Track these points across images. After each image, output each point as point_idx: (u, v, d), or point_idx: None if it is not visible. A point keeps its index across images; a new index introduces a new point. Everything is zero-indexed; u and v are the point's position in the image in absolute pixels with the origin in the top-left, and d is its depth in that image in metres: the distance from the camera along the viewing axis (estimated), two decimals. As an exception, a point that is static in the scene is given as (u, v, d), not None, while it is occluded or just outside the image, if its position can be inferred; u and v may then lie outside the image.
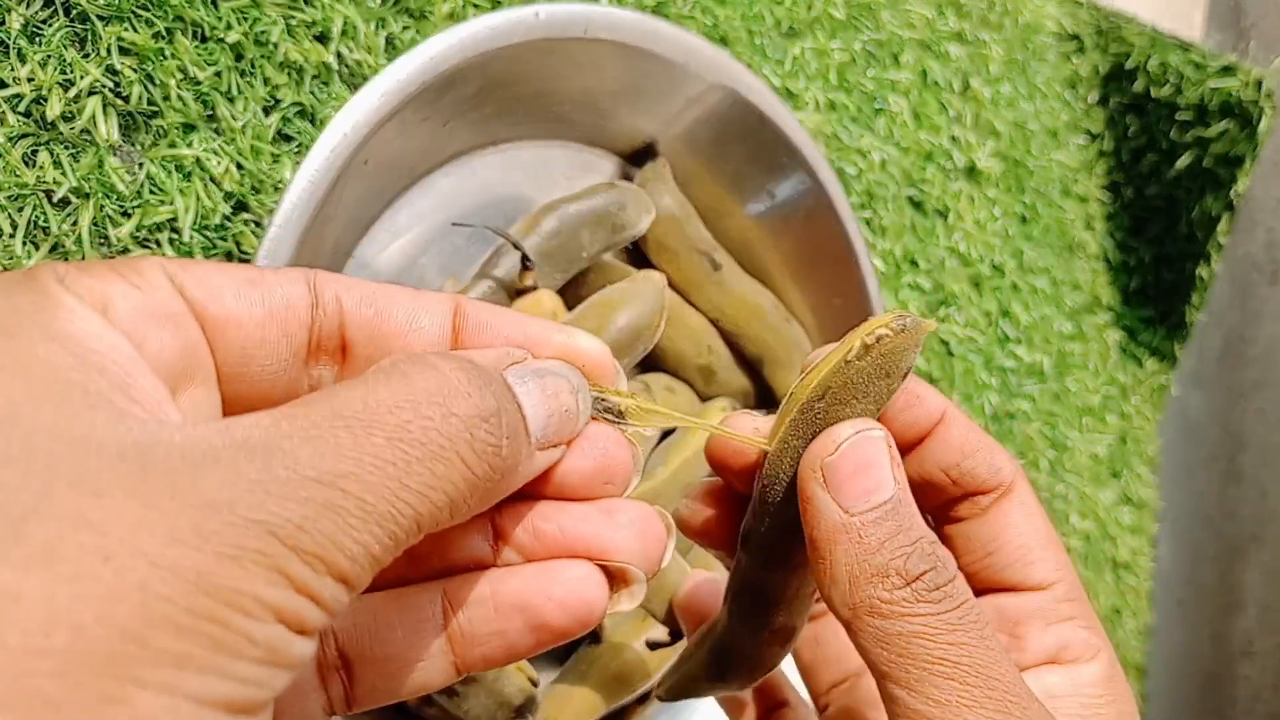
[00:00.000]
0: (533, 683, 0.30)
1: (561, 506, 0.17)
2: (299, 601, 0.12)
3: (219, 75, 0.31)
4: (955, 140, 0.56)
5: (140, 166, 0.30)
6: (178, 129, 0.30)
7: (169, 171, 0.30)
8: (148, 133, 0.30)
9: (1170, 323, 0.71)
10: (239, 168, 0.32)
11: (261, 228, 0.32)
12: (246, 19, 0.32)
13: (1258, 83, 0.62)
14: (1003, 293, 0.59)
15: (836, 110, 0.50)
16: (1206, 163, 0.65)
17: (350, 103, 0.28)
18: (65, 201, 0.28)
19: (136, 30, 0.30)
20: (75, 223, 0.28)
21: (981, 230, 0.58)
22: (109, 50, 0.29)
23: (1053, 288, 0.63)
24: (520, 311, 0.32)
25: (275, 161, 0.32)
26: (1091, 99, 0.68)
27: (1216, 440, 0.80)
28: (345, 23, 0.34)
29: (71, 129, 0.29)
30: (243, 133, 0.32)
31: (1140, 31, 0.66)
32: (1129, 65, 0.66)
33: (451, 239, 0.35)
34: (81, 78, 0.29)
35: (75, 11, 0.29)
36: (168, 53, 0.30)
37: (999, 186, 0.59)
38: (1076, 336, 0.65)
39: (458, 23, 0.30)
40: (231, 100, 0.32)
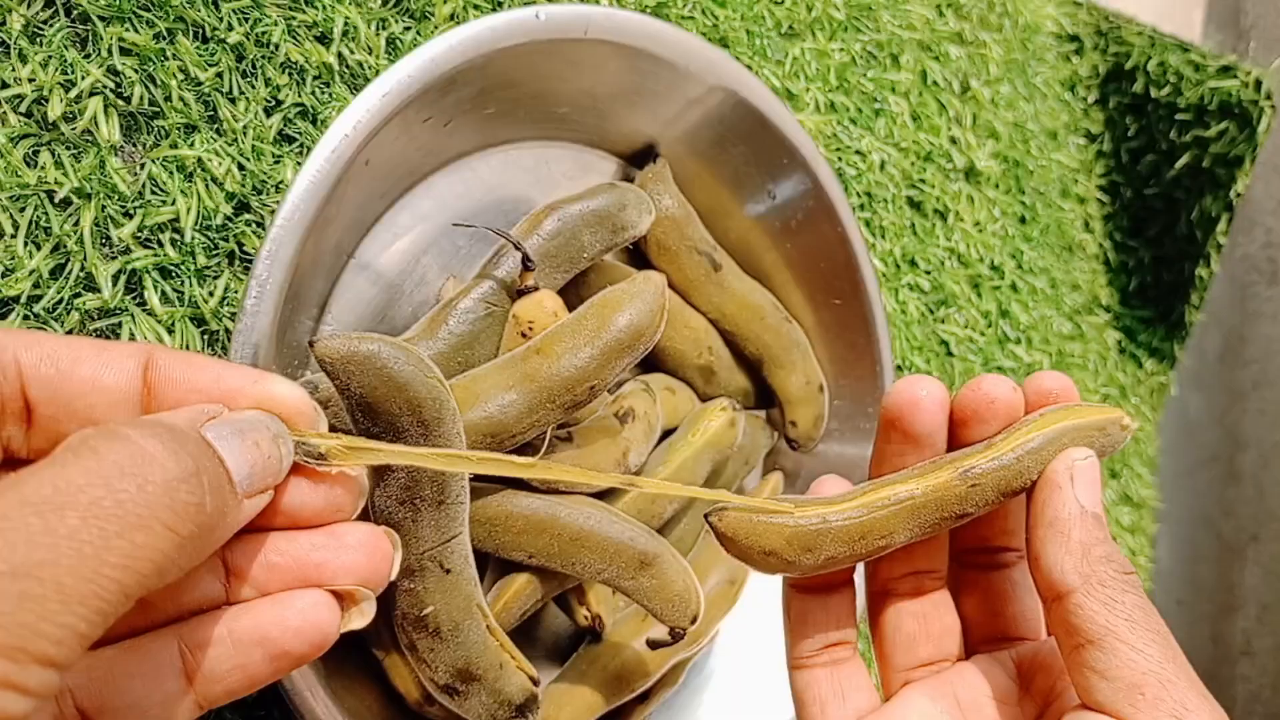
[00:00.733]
0: (533, 680, 0.30)
1: (293, 537, 0.17)
2: (3, 696, 0.12)
3: (220, 76, 0.31)
4: (955, 141, 0.56)
5: (142, 167, 0.30)
6: (179, 129, 0.31)
7: (171, 172, 0.30)
8: (149, 133, 0.30)
9: (1169, 323, 0.71)
10: (240, 168, 0.32)
11: (263, 228, 0.32)
12: (248, 20, 0.32)
13: (1257, 83, 0.63)
14: (1002, 293, 0.59)
15: (836, 111, 0.50)
16: (1206, 163, 0.65)
17: (352, 103, 0.28)
18: (67, 202, 0.28)
19: (138, 31, 0.30)
20: (77, 223, 0.29)
21: (981, 231, 0.58)
22: (110, 51, 0.29)
23: (1052, 288, 0.63)
24: (519, 313, 0.32)
25: (277, 162, 0.32)
26: (1091, 99, 0.68)
27: (1215, 440, 0.80)
28: (346, 24, 0.34)
29: (73, 129, 0.29)
30: (244, 133, 0.32)
31: (1140, 32, 0.66)
32: (1128, 66, 0.66)
33: (453, 239, 0.35)
34: (83, 78, 0.29)
35: (76, 12, 0.29)
36: (169, 53, 0.30)
37: (998, 187, 0.59)
38: (1076, 337, 0.65)
39: (459, 24, 0.30)
40: (233, 101, 0.32)
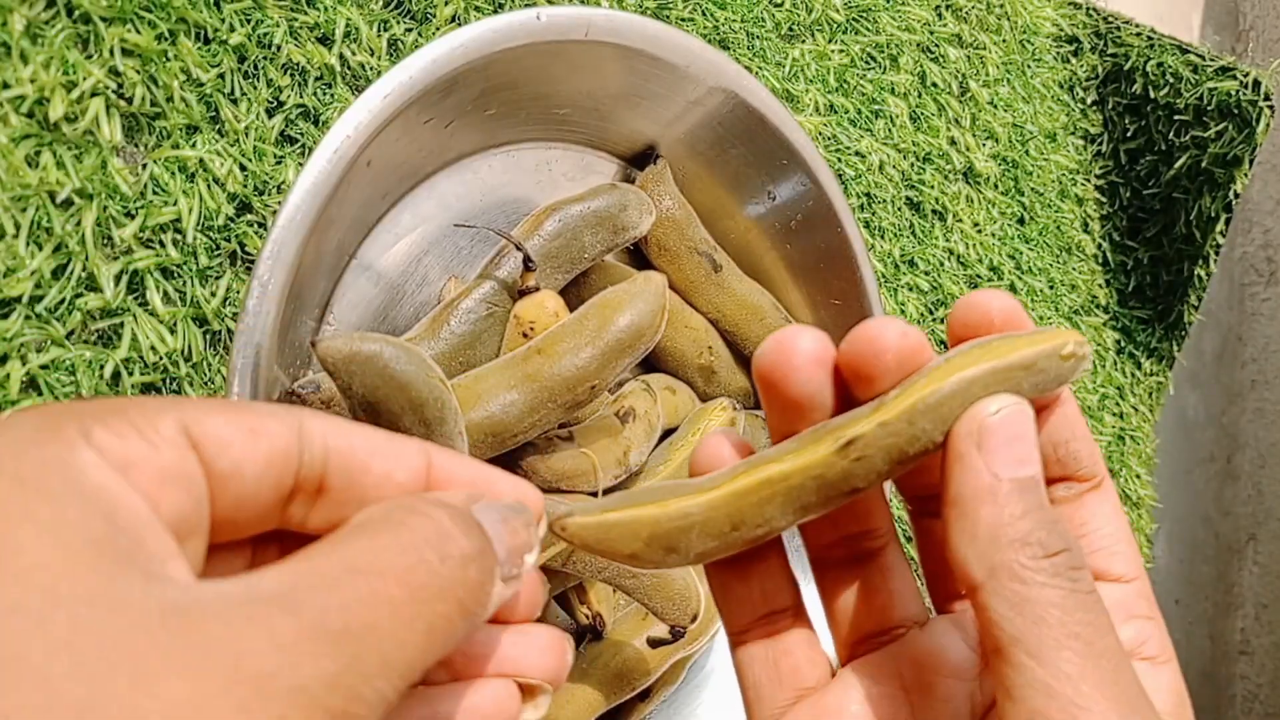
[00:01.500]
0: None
1: (493, 630, 0.18)
2: None
3: (222, 77, 0.31)
4: (954, 142, 0.56)
5: (143, 168, 0.30)
6: (181, 130, 0.31)
7: (172, 173, 0.30)
8: (151, 134, 0.30)
9: (1167, 323, 0.71)
10: (242, 169, 0.32)
11: (265, 229, 0.32)
12: (249, 21, 0.32)
13: (1255, 84, 0.63)
14: (1001, 293, 0.59)
15: (836, 112, 0.50)
16: (1204, 164, 0.66)
17: (353, 104, 0.28)
18: (69, 202, 0.29)
19: (139, 32, 0.30)
20: (79, 223, 0.29)
21: (980, 231, 0.58)
22: (112, 51, 0.29)
23: (1050, 288, 0.63)
24: (520, 313, 0.32)
25: (278, 163, 0.32)
26: (1089, 101, 0.68)
27: (1213, 440, 0.80)
28: (348, 25, 0.34)
29: (74, 130, 0.29)
30: (246, 134, 0.32)
31: (1138, 33, 0.66)
32: (1127, 67, 0.66)
33: (454, 240, 0.35)
34: (84, 79, 0.29)
35: (78, 13, 0.29)
36: (171, 54, 0.30)
37: (997, 188, 0.60)
38: (1074, 337, 0.65)
39: (460, 25, 0.30)
40: (235, 102, 0.32)
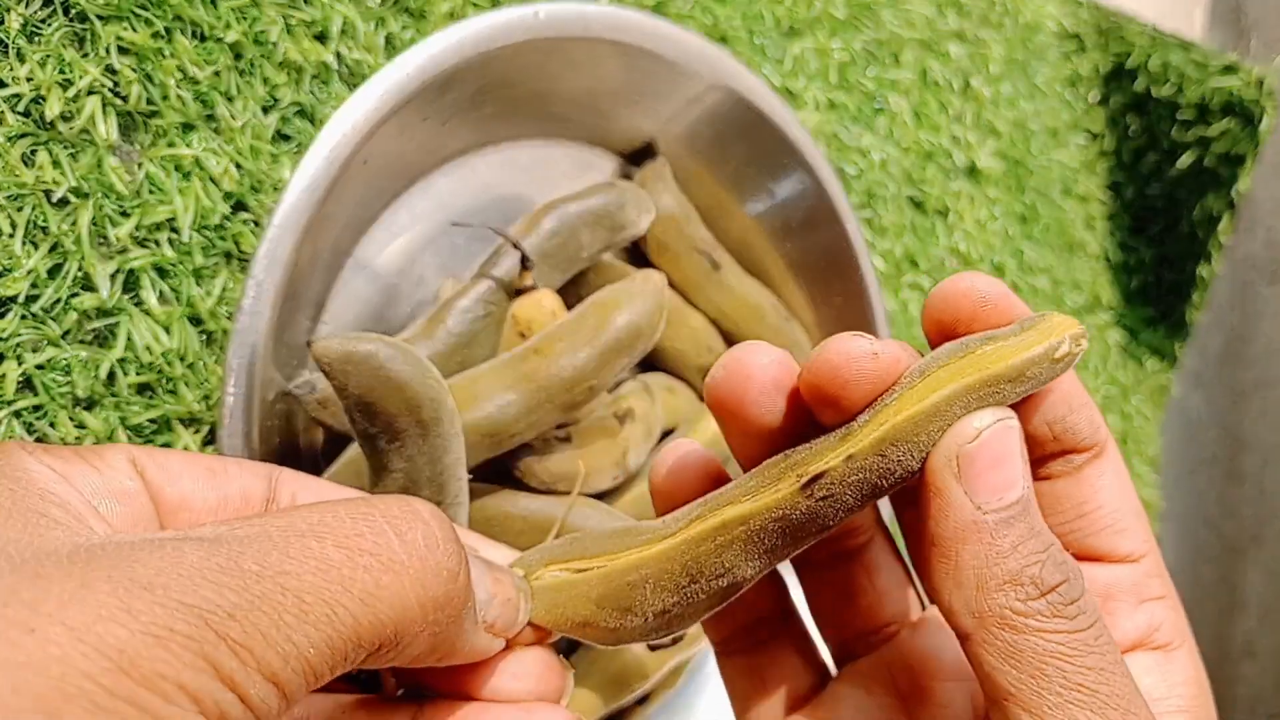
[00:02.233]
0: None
1: (487, 708, 0.17)
2: (222, 693, 0.12)
3: (218, 75, 0.31)
4: (956, 140, 0.56)
5: (139, 166, 0.30)
6: (177, 129, 0.30)
7: (168, 171, 0.30)
8: (147, 132, 0.30)
9: (1171, 322, 0.71)
10: (238, 167, 0.31)
11: (260, 227, 0.32)
12: (245, 18, 0.32)
13: (1259, 81, 0.62)
14: (1003, 292, 0.59)
15: (837, 110, 0.50)
16: (1208, 162, 0.65)
17: (349, 102, 0.28)
18: (64, 201, 0.28)
19: (135, 30, 0.30)
20: (74, 222, 0.28)
21: (982, 230, 0.58)
22: (108, 50, 0.29)
23: (1053, 287, 0.63)
24: (517, 312, 0.32)
25: (274, 161, 0.32)
26: (1092, 98, 0.67)
27: (1217, 440, 0.80)
28: (344, 22, 0.34)
29: (70, 129, 0.28)
30: (242, 132, 0.32)
31: (1141, 31, 0.65)
32: (1130, 64, 0.66)
33: (451, 239, 0.34)
34: (80, 77, 0.28)
35: (74, 11, 0.29)
36: (167, 52, 0.30)
37: (999, 186, 0.59)
38: (1077, 336, 0.65)
39: (457, 22, 0.30)
40: (230, 100, 0.32)
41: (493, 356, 0.32)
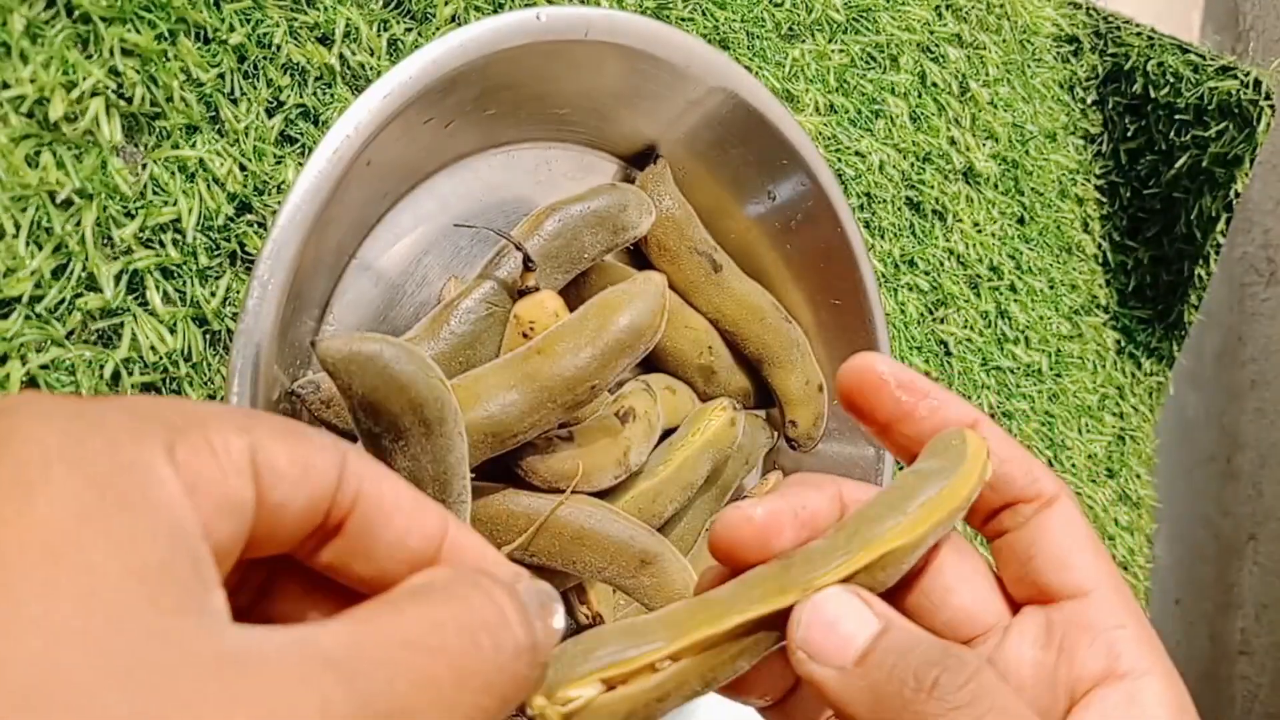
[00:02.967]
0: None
1: None
2: None
3: (222, 77, 0.31)
4: (954, 142, 0.56)
5: (143, 167, 0.30)
6: (181, 130, 0.31)
7: (172, 173, 0.30)
8: (151, 134, 0.30)
9: (1167, 323, 0.71)
10: (242, 169, 0.32)
11: (265, 229, 0.32)
12: (249, 21, 0.32)
13: (1256, 83, 0.63)
14: (1001, 293, 0.59)
15: (836, 112, 0.50)
16: (1204, 163, 0.66)
17: (353, 104, 0.28)
18: (68, 202, 0.29)
19: (139, 32, 0.30)
20: (79, 223, 0.29)
21: (980, 231, 0.58)
22: (112, 51, 0.29)
23: (1050, 288, 0.63)
24: (520, 313, 0.32)
25: (278, 163, 0.32)
26: (1089, 100, 0.68)
27: (1213, 440, 0.80)
28: (348, 25, 0.34)
29: (74, 130, 0.29)
30: (246, 134, 0.32)
31: (1138, 33, 0.66)
32: (1127, 67, 0.66)
33: (454, 240, 0.35)
34: (84, 79, 0.29)
35: (78, 13, 0.29)
36: (170, 54, 0.30)
37: (997, 188, 0.60)
38: (1074, 337, 0.65)
39: (460, 25, 0.30)
40: (234, 102, 0.32)
41: (495, 357, 0.33)
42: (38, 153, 0.28)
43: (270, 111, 0.33)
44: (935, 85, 0.56)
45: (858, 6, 0.52)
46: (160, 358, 0.30)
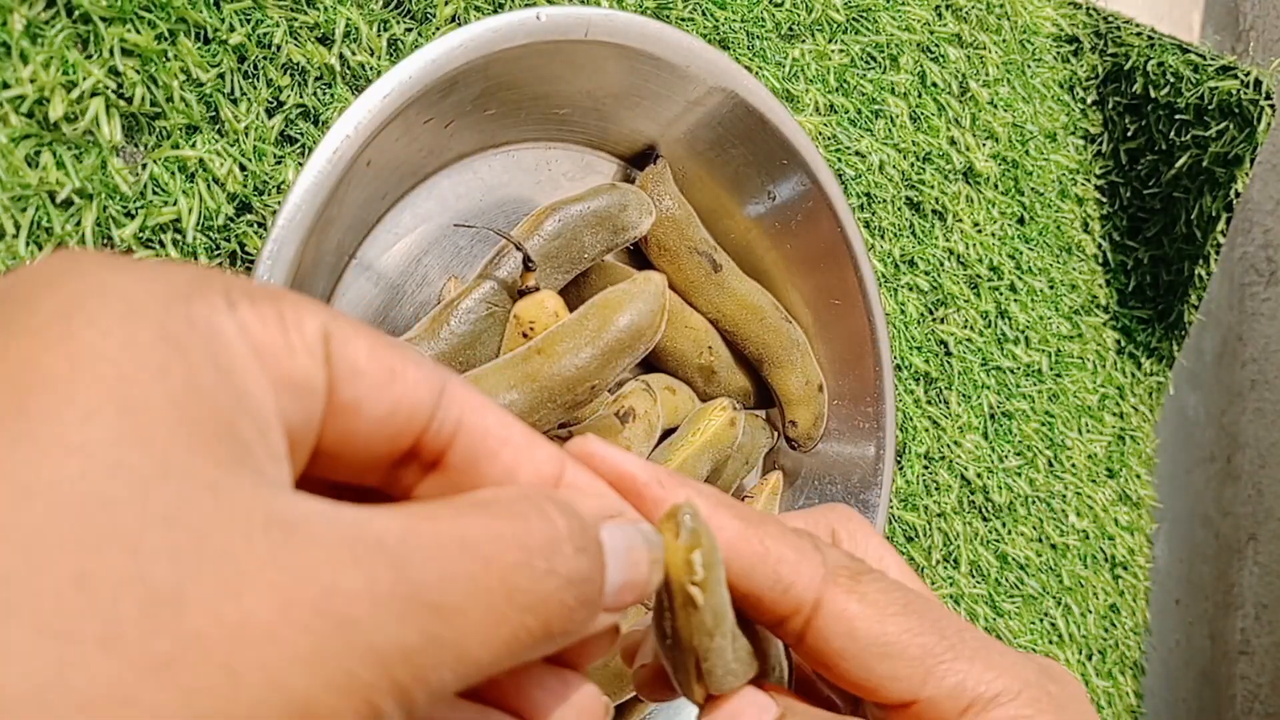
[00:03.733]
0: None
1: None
2: None
3: (222, 77, 0.31)
4: (954, 142, 0.56)
5: (143, 167, 0.30)
6: (181, 130, 0.31)
7: (172, 173, 0.30)
8: (151, 134, 0.30)
9: (1167, 323, 0.71)
10: (242, 169, 0.32)
11: (265, 229, 0.32)
12: (249, 21, 0.32)
13: (1257, 83, 0.63)
14: (1001, 293, 0.59)
15: (836, 112, 0.50)
16: (1205, 163, 0.66)
17: (353, 104, 0.28)
18: (69, 202, 0.29)
19: (139, 31, 0.30)
20: (79, 223, 0.29)
21: (980, 231, 0.58)
22: (112, 51, 0.29)
23: (1050, 288, 0.63)
24: (520, 313, 0.32)
25: (278, 163, 0.32)
26: (1089, 100, 0.68)
27: (1213, 440, 0.80)
28: (348, 25, 0.34)
29: (74, 130, 0.29)
30: (246, 134, 0.32)
31: (1138, 33, 0.66)
32: (1127, 66, 0.66)
33: (454, 240, 0.35)
34: (84, 79, 0.29)
35: (78, 13, 0.29)
36: (170, 54, 0.30)
37: (997, 188, 0.60)
38: (1074, 337, 0.65)
39: (460, 25, 0.30)
40: (234, 102, 0.32)
41: (495, 357, 0.33)
42: (38, 153, 0.28)
43: (270, 111, 0.33)
44: (935, 85, 0.56)
45: (858, 6, 0.52)
46: (160, 358, 0.30)
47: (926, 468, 0.53)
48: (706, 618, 0.17)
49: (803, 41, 0.49)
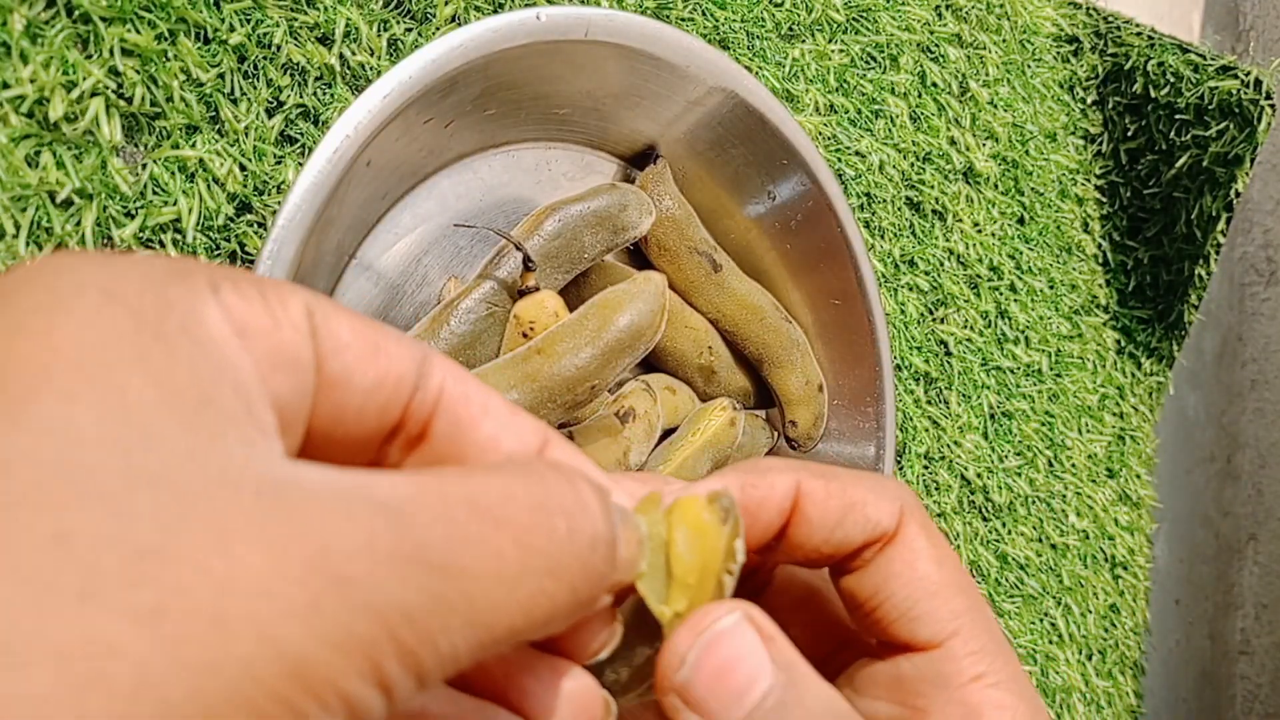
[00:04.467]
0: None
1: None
2: (375, 696, 0.11)
3: (222, 77, 0.31)
4: (954, 142, 0.56)
5: (143, 167, 0.30)
6: (181, 130, 0.31)
7: (172, 173, 0.30)
8: (151, 134, 0.30)
9: (1167, 323, 0.71)
10: (242, 169, 0.32)
11: (265, 229, 0.32)
12: (249, 21, 0.32)
13: (1257, 83, 0.63)
14: (1001, 293, 0.59)
15: (836, 112, 0.50)
16: (1205, 163, 0.66)
17: (353, 104, 0.28)
18: (69, 202, 0.29)
19: (139, 31, 0.30)
20: (79, 224, 0.29)
21: (980, 231, 0.58)
22: (112, 51, 0.29)
23: (1050, 288, 0.63)
24: (520, 313, 0.32)
25: (278, 163, 0.32)
26: (1089, 100, 0.68)
27: (1213, 440, 0.80)
28: (348, 25, 0.34)
29: (74, 130, 0.29)
30: (246, 134, 0.32)
31: (1138, 33, 0.66)
32: (1127, 66, 0.66)
33: (454, 240, 0.35)
34: (84, 79, 0.29)
35: (78, 13, 0.29)
36: (170, 54, 0.30)
37: (997, 188, 0.60)
38: (1074, 337, 0.65)
39: (460, 25, 0.30)
40: (234, 102, 0.32)
41: (495, 357, 0.33)
42: (38, 153, 0.28)
43: (270, 111, 0.33)
44: (935, 85, 0.56)
45: (858, 6, 0.52)
46: (160, 358, 0.30)
47: (926, 468, 0.53)
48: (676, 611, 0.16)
49: (803, 41, 0.49)
